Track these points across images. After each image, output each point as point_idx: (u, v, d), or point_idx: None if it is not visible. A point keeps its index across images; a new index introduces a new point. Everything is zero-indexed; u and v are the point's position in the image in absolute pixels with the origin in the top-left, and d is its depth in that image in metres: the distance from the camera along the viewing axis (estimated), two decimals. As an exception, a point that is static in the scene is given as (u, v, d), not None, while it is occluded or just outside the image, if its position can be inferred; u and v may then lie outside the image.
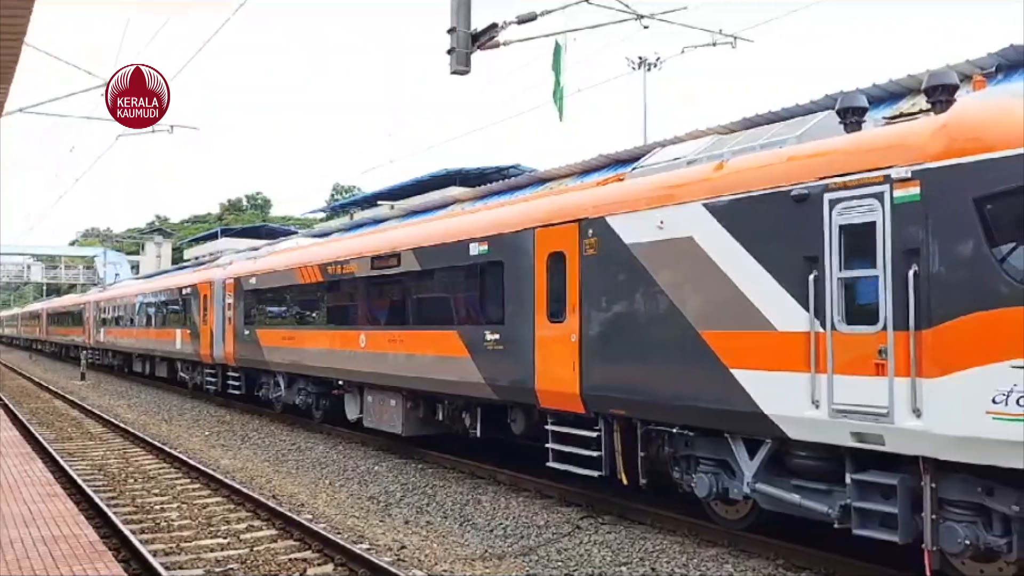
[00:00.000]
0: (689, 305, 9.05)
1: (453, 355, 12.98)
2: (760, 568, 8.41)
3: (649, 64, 38.48)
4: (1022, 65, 11.35)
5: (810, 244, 7.79)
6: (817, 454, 8.02)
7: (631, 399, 9.76)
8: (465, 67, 11.66)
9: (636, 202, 9.93)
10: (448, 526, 10.81)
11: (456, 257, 13.11)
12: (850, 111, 8.56)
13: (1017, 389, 6.23)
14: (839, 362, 7.51)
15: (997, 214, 6.59)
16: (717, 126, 15.02)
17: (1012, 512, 6.65)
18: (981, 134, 6.74)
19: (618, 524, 10.28)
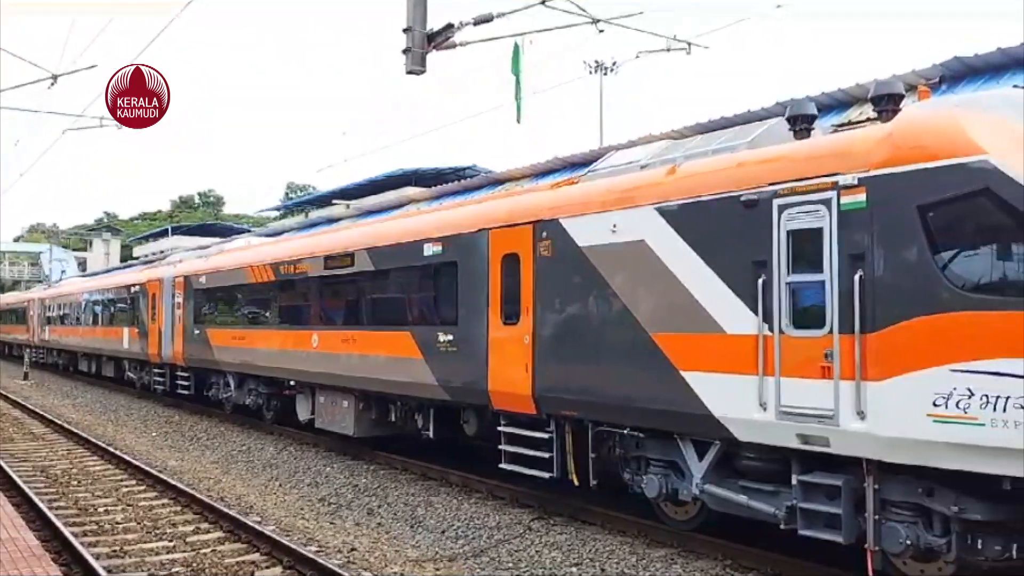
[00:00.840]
0: (641, 308, 9.12)
1: (406, 356, 12.91)
2: (708, 568, 8.51)
3: (606, 68, 38.76)
4: (965, 76, 11.66)
5: (759, 249, 7.89)
6: (764, 456, 8.13)
7: (583, 401, 9.81)
8: (421, 67, 11.61)
9: (590, 205, 9.99)
10: (399, 528, 10.75)
11: (410, 257, 13.06)
12: (800, 118, 8.70)
13: (956, 392, 6.38)
14: (786, 365, 7.62)
15: (939, 222, 6.74)
16: (671, 131, 15.18)
17: (951, 513, 6.81)
18: (924, 143, 6.90)
19: (569, 525, 10.32)
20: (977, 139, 6.60)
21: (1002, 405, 6.14)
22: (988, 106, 7.08)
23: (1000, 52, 11.26)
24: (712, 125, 14.13)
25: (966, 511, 6.73)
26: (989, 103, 7.20)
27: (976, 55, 11.44)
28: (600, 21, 12.71)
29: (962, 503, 6.75)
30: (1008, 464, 6.24)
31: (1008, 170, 6.33)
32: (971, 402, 6.29)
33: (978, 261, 6.66)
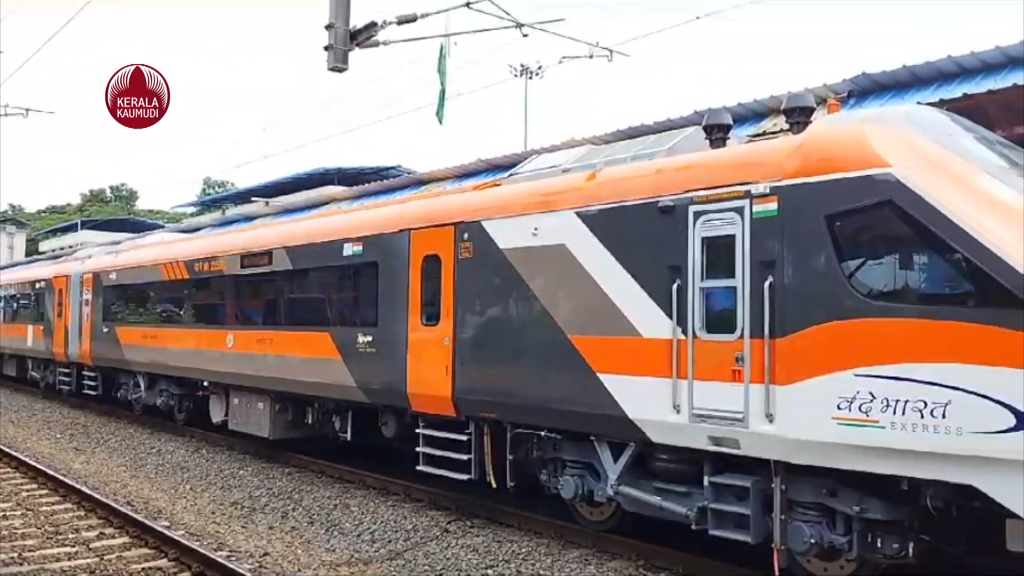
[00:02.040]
0: (560, 311, 9.20)
1: (324, 357, 12.74)
2: (622, 568, 8.62)
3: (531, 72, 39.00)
4: (873, 92, 12.12)
5: (675, 254, 8.05)
6: (678, 457, 8.29)
7: (502, 403, 9.84)
8: (343, 64, 11.47)
9: (512, 208, 10.03)
10: (314, 531, 10.59)
11: (329, 257, 12.89)
12: (715, 128, 8.92)
13: (859, 396, 6.62)
14: (699, 368, 7.79)
15: (846, 231, 6.99)
16: (592, 136, 15.35)
17: (853, 512, 7.07)
18: (833, 155, 7.14)
19: (486, 527, 10.33)
20: (882, 153, 6.86)
21: (901, 408, 6.39)
22: (893, 121, 7.36)
23: (905, 70, 11.75)
24: (632, 132, 14.34)
25: (867, 511, 6.99)
26: (894, 118, 7.49)
27: (883, 72, 11.91)
28: (524, 26, 12.78)
29: (863, 503, 7.01)
30: (906, 465, 6.51)
31: (910, 183, 6.60)
32: (873, 405, 6.53)
33: (881, 270, 6.92)
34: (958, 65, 11.42)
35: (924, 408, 6.26)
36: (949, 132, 7.35)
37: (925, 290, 6.68)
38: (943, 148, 6.94)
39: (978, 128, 7.94)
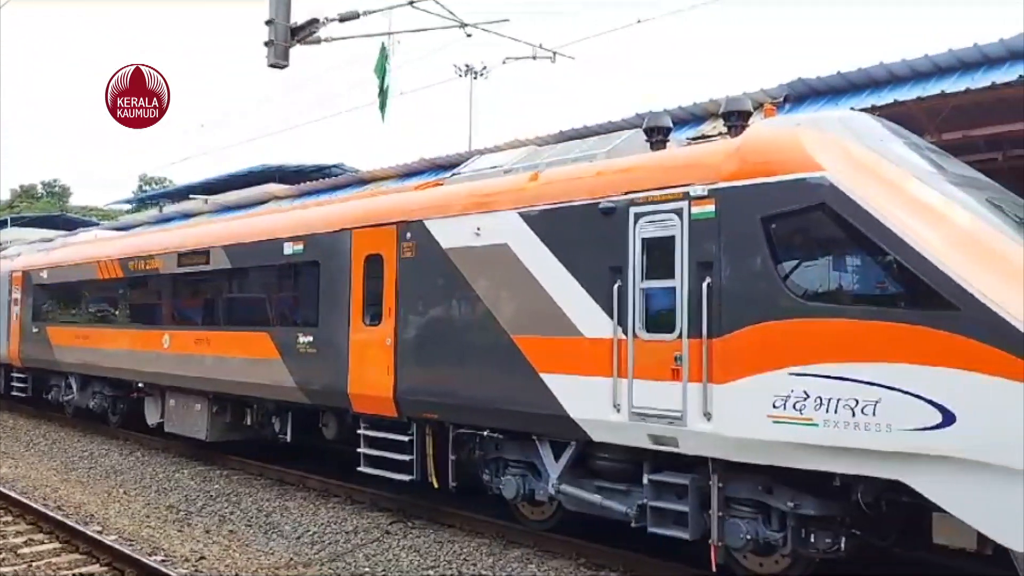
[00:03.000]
0: (503, 311, 9.22)
1: (264, 357, 12.56)
2: (562, 567, 8.67)
3: (475, 72, 38.98)
4: (808, 96, 12.41)
5: (616, 255, 8.13)
6: (618, 456, 8.37)
7: (445, 403, 9.82)
8: (283, 61, 11.33)
9: (455, 207, 10.01)
10: (252, 534, 10.43)
11: (269, 256, 12.71)
12: (656, 130, 9.03)
13: (794, 395, 6.76)
14: (639, 368, 7.88)
15: (781, 233, 7.13)
16: (535, 137, 15.41)
17: (788, 508, 7.22)
18: (769, 158, 7.28)
19: (428, 528, 10.29)
20: (816, 156, 7.02)
21: (834, 406, 6.55)
22: (827, 126, 7.53)
23: (839, 76, 12.05)
24: (574, 134, 14.45)
25: (801, 507, 7.15)
26: (828, 123, 7.65)
27: (818, 77, 12.21)
28: (468, 25, 12.77)
29: (797, 499, 7.17)
30: (838, 462, 6.67)
31: (843, 187, 6.76)
32: (807, 404, 6.68)
33: (815, 271, 7.08)
34: (890, 72, 11.75)
35: (856, 406, 6.43)
36: (880, 137, 7.55)
37: (857, 291, 6.86)
38: (874, 153, 7.13)
39: (908, 133, 8.18)
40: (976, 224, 6.54)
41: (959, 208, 6.67)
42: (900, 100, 11.07)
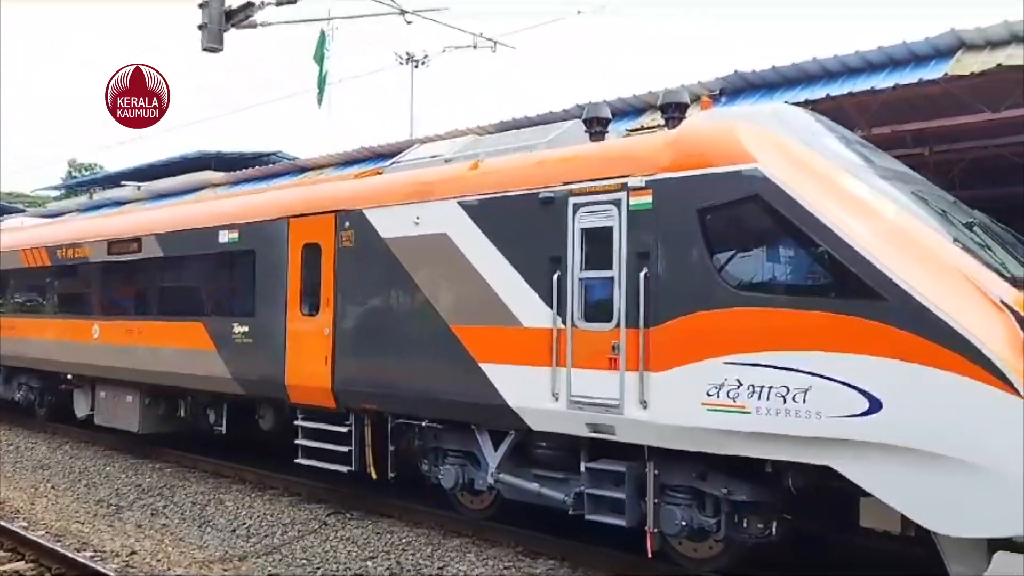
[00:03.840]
0: (442, 300, 9.19)
1: (198, 348, 12.32)
2: (501, 556, 8.71)
3: (416, 60, 38.66)
4: (744, 90, 12.59)
5: (555, 245, 8.17)
6: (556, 444, 8.43)
7: (384, 393, 9.76)
8: (217, 45, 11.08)
9: (394, 196, 9.94)
10: (186, 528, 10.24)
11: (203, 245, 12.46)
12: (595, 121, 9.08)
13: (728, 383, 6.88)
14: (577, 357, 7.93)
15: (716, 224, 7.25)
16: (476, 127, 15.35)
17: (721, 495, 7.36)
18: (705, 151, 7.38)
19: (366, 519, 10.23)
20: (751, 149, 7.14)
21: (766, 394, 6.69)
22: (761, 119, 7.67)
23: (774, 71, 12.24)
24: (514, 124, 14.41)
25: (734, 493, 7.30)
26: (762, 117, 7.80)
27: (754, 72, 12.38)
28: (407, 12, 12.65)
29: (730, 486, 7.31)
30: (770, 448, 6.82)
31: (776, 179, 6.89)
32: (740, 392, 6.81)
33: (749, 262, 7.21)
34: (823, 68, 11.97)
35: (787, 394, 6.57)
36: (813, 131, 7.72)
37: (789, 282, 7.01)
38: (807, 146, 7.28)
39: (839, 128, 8.38)
40: (903, 217, 6.73)
41: (887, 201, 6.86)
42: (832, 95, 11.30)
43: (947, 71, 10.64)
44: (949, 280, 6.19)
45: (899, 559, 7.98)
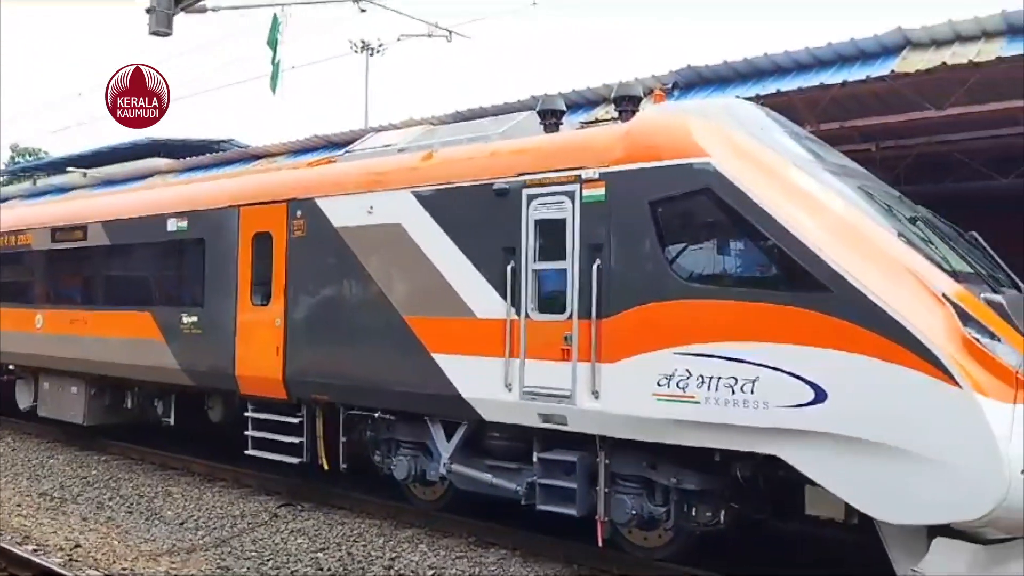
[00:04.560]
0: (396, 291, 9.15)
1: (146, 338, 12.11)
2: (453, 546, 8.72)
3: (371, 49, 38.29)
4: (697, 84, 12.71)
5: (509, 236, 8.18)
6: (509, 435, 8.46)
7: (336, 384, 9.70)
8: (166, 29, 10.84)
9: (347, 186, 9.86)
10: (133, 521, 10.07)
11: (151, 233, 12.23)
12: (550, 113, 9.11)
13: (677, 373, 6.97)
14: (531, 348, 7.96)
15: (667, 217, 7.32)
16: (430, 117, 15.28)
17: (671, 483, 7.47)
18: (657, 143, 7.45)
19: (317, 510, 10.17)
20: (702, 142, 7.22)
21: (715, 385, 6.79)
22: (713, 113, 7.76)
23: (726, 65, 12.38)
24: (468, 114, 14.39)
25: (683, 482, 7.41)
26: (714, 111, 7.89)
27: (706, 66, 12.51)
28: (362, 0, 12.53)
29: (680, 475, 7.41)
30: (718, 438, 6.92)
31: (726, 172, 6.98)
32: (689, 382, 6.90)
33: (699, 254, 7.29)
34: (773, 63, 12.14)
35: (735, 384, 6.68)
36: (763, 126, 7.83)
37: (738, 274, 7.11)
38: (757, 140, 7.39)
39: (789, 123, 8.51)
40: (849, 211, 6.86)
41: (834, 195, 6.99)
42: (782, 91, 11.46)
43: (894, 68, 10.86)
44: (893, 273, 6.33)
45: (843, 546, 8.17)
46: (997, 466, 5.67)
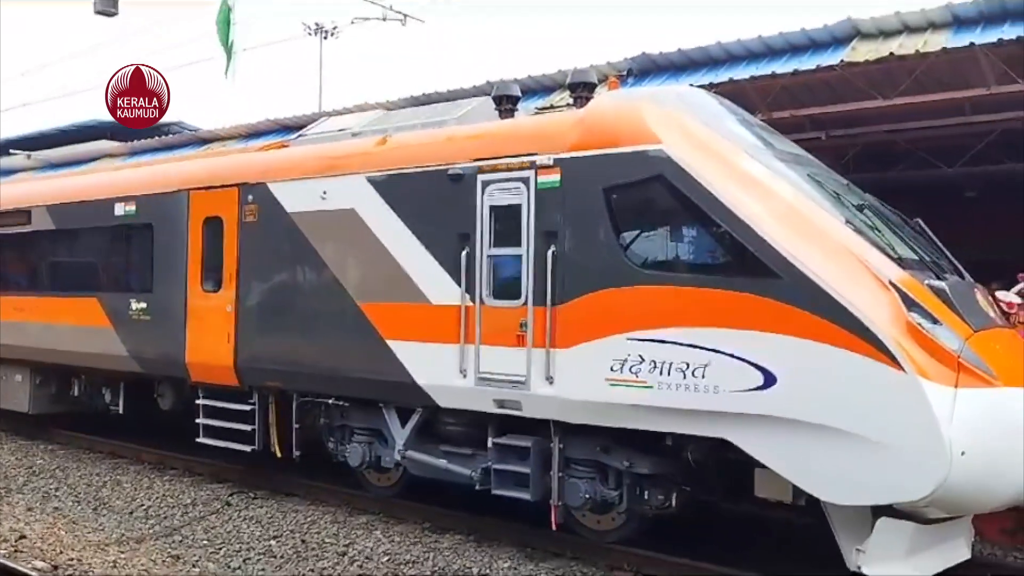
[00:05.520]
0: (349, 277, 9.08)
1: (93, 325, 11.87)
2: (407, 532, 8.72)
3: (326, 31, 37.81)
4: (651, 71, 12.79)
5: (464, 222, 8.15)
6: (463, 421, 8.46)
7: (289, 371, 9.61)
8: (112, 8, 10.61)
9: (300, 170, 9.75)
10: (80, 511, 9.91)
11: (98, 217, 11.97)
12: (505, 99, 9.07)
13: (630, 358, 7.03)
14: (486, 334, 7.97)
15: (621, 203, 7.35)
16: (385, 101, 15.15)
17: (623, 467, 7.54)
18: (611, 130, 7.48)
19: (271, 498, 10.08)
20: (655, 129, 7.26)
21: (667, 369, 6.86)
22: (666, 100, 7.81)
23: (680, 53, 12.48)
24: (423, 99, 14.31)
25: (635, 466, 7.49)
26: (667, 98, 7.94)
27: (661, 53, 12.60)
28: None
29: (632, 458, 7.49)
30: (670, 422, 7.00)
31: (679, 159, 7.03)
32: (642, 367, 6.97)
33: (652, 240, 7.36)
34: (726, 52, 12.26)
35: (687, 369, 6.76)
36: (715, 113, 7.90)
37: (690, 260, 7.21)
38: (709, 128, 7.44)
39: (741, 111, 8.60)
40: (798, 198, 6.97)
41: (784, 183, 7.08)
42: (735, 79, 11.59)
43: (843, 58, 11.04)
44: (840, 260, 6.45)
45: (791, 528, 8.34)
46: (939, 448, 5.83)
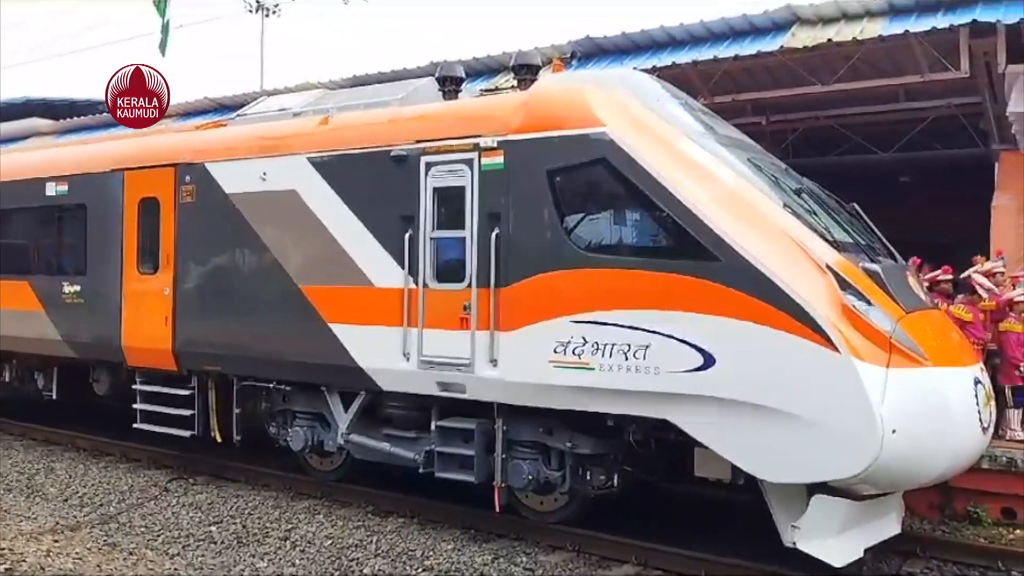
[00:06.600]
0: (291, 260, 8.96)
1: (24, 309, 11.55)
2: (350, 515, 8.67)
3: (266, 9, 37.02)
4: (595, 55, 12.82)
5: (407, 204, 8.10)
6: (407, 404, 8.43)
7: (229, 355, 9.47)
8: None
9: (239, 150, 9.59)
10: (12, 499, 9.64)
11: (28, 198, 11.62)
12: (449, 80, 9.03)
13: (574, 341, 7.07)
14: (429, 317, 7.94)
15: (565, 186, 7.37)
16: (327, 81, 14.95)
17: (566, 448, 7.60)
18: (555, 113, 7.48)
19: (211, 484, 9.93)
20: (598, 113, 7.29)
21: (609, 351, 6.92)
22: (610, 84, 7.83)
23: (624, 36, 12.53)
24: (366, 79, 14.13)
25: (577, 446, 7.55)
26: (611, 81, 7.96)
27: (605, 37, 12.63)
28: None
29: (575, 439, 7.55)
30: (612, 403, 7.08)
31: (622, 143, 7.07)
32: (585, 349, 7.02)
33: (595, 223, 7.38)
34: (669, 36, 12.34)
35: (628, 351, 6.82)
36: (658, 97, 7.94)
37: (632, 243, 7.26)
38: (652, 111, 7.49)
39: (683, 95, 8.66)
40: (738, 182, 7.06)
41: (724, 167, 7.17)
42: (678, 63, 11.69)
43: (783, 44, 11.20)
44: (778, 243, 6.56)
45: (730, 506, 8.51)
46: (871, 426, 5.99)
